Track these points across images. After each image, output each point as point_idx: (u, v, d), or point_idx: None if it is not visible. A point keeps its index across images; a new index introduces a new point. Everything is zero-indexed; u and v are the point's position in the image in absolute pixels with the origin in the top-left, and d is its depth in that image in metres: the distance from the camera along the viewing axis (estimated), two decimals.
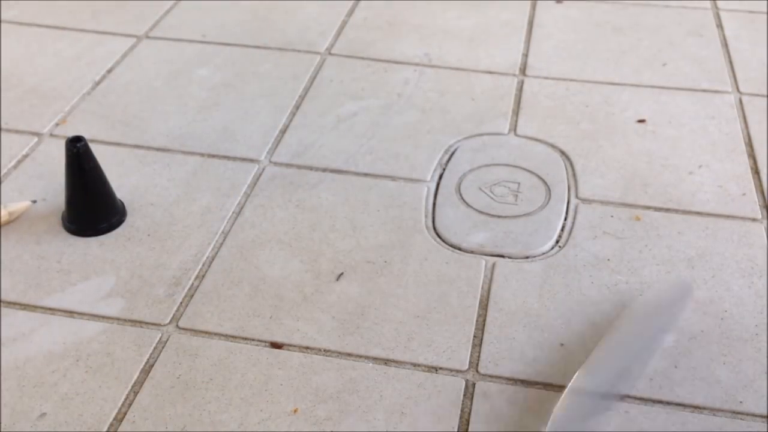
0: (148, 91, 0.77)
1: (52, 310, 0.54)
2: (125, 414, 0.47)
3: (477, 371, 0.50)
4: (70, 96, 0.76)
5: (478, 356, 0.51)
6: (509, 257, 0.58)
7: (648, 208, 0.63)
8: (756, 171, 0.67)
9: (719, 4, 0.93)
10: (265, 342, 0.52)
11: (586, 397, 0.23)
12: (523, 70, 0.80)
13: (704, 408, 0.48)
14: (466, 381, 0.50)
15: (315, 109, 0.74)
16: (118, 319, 0.53)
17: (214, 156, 0.68)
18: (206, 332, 0.52)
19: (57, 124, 0.72)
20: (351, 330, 0.53)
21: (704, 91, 0.78)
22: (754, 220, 0.62)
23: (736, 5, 0.94)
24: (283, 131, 0.72)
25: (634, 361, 0.25)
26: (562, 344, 0.52)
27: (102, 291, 0.55)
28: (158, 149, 0.69)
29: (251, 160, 0.68)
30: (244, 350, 0.51)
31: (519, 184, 0.65)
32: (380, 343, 0.52)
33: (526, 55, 0.83)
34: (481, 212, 0.62)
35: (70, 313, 0.54)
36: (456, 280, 0.56)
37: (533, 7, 0.92)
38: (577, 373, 0.23)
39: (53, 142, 0.70)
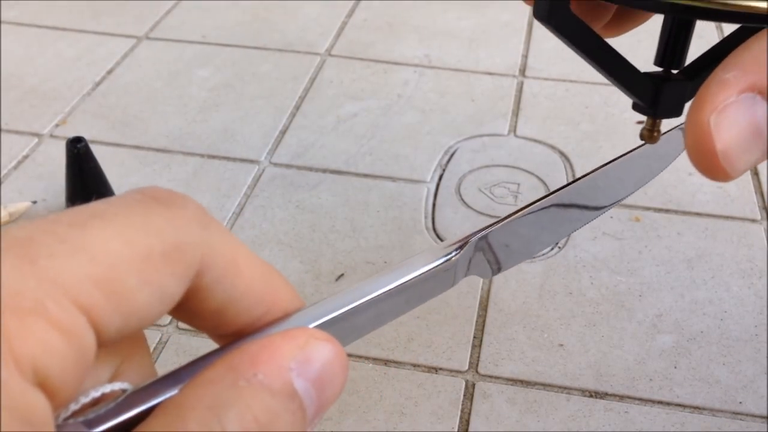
0: (148, 91, 0.77)
1: None
2: None
3: (477, 372, 0.50)
4: (71, 96, 0.76)
5: (478, 357, 0.51)
6: None
7: (647, 209, 0.63)
8: (755, 172, 0.67)
9: None
10: None
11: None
12: (522, 71, 0.81)
13: (704, 408, 0.48)
14: (466, 381, 0.50)
15: (315, 110, 0.74)
16: None
17: (214, 157, 0.69)
18: None
19: (57, 125, 0.72)
20: None
21: None
22: (753, 221, 0.62)
23: None
24: (283, 132, 0.72)
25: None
26: (561, 345, 0.52)
27: None
28: (158, 150, 0.69)
29: (251, 161, 0.68)
30: None
31: (519, 185, 0.65)
32: (380, 344, 0.52)
33: (525, 56, 0.83)
34: (480, 213, 0.62)
35: None
36: None
37: None
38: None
39: (53, 142, 0.70)
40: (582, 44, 0.24)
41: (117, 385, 0.16)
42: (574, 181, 0.26)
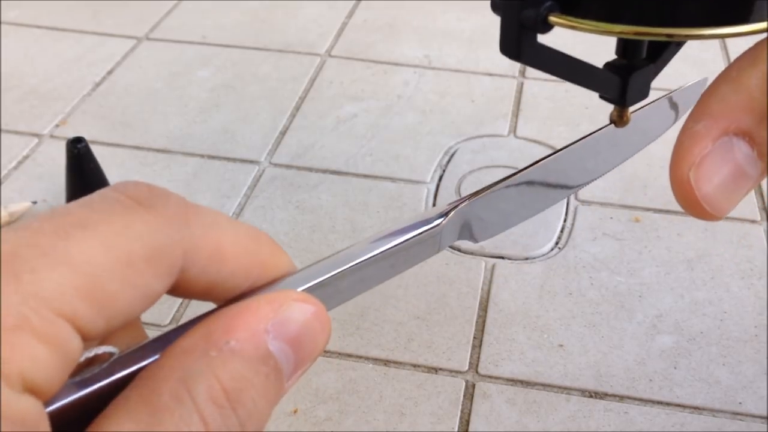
0: (148, 92, 0.77)
1: None
2: None
3: (477, 372, 0.50)
4: (71, 97, 0.76)
5: (478, 357, 0.51)
6: (509, 259, 0.58)
7: (647, 209, 0.63)
8: None
9: None
10: None
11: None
12: (522, 72, 0.81)
13: (704, 409, 0.48)
14: (466, 382, 0.50)
15: (315, 111, 0.75)
16: None
17: (214, 157, 0.69)
18: None
19: (57, 125, 0.72)
20: (351, 331, 0.53)
21: None
22: (753, 221, 0.62)
23: None
24: (283, 132, 0.72)
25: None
26: (561, 345, 0.52)
27: None
28: (158, 150, 0.69)
29: (251, 162, 0.68)
30: None
31: None
32: (380, 344, 0.52)
33: None
34: None
35: None
36: (456, 282, 0.56)
37: None
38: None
39: (53, 143, 0.70)
40: (552, 67, 0.25)
41: (103, 349, 0.17)
42: (550, 156, 0.27)
